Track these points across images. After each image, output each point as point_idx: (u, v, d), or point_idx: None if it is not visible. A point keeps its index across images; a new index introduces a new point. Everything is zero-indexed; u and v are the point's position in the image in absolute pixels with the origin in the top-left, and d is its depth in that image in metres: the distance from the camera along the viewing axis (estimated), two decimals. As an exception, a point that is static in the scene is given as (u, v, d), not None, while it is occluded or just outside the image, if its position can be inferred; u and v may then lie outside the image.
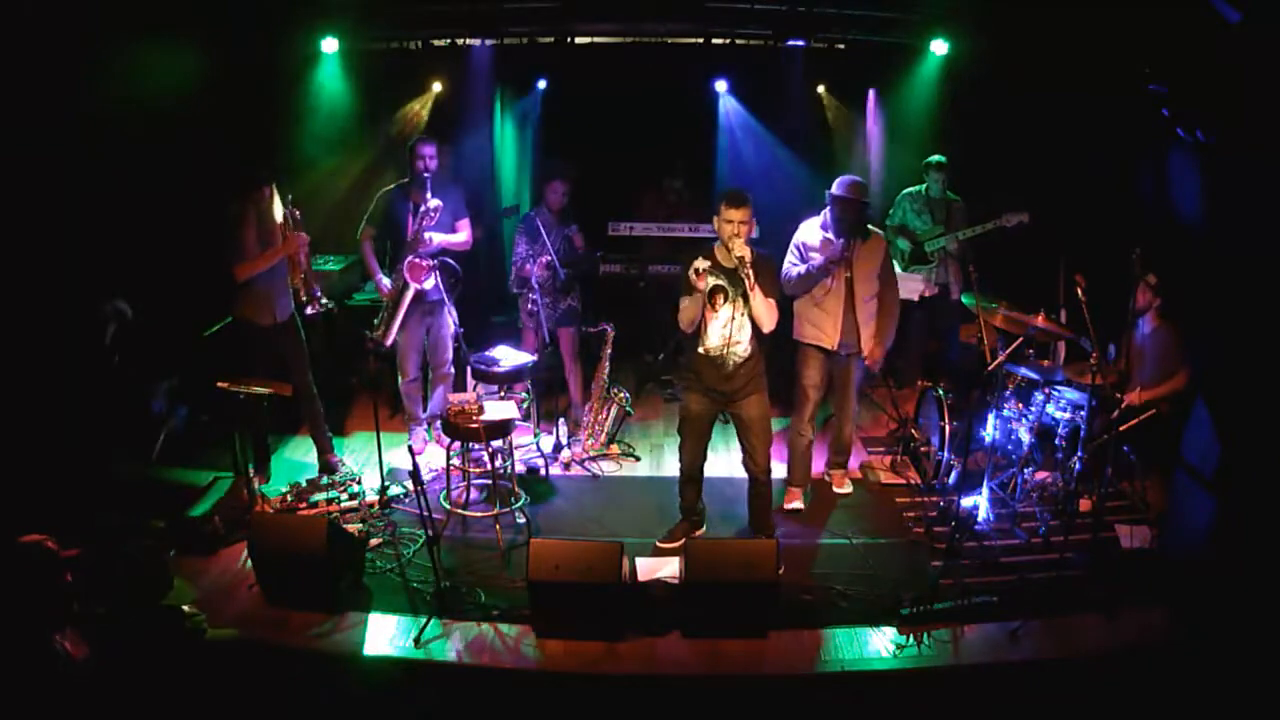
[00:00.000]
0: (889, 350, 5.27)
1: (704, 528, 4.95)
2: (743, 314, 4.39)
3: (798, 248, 5.04)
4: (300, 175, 6.51)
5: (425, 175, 5.33)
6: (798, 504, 5.26)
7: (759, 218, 7.64)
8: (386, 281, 5.53)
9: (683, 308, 4.39)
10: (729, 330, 4.38)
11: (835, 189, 4.90)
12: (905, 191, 6.72)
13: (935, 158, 6.54)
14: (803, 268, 4.95)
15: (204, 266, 5.18)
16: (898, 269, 6.56)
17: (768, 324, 4.37)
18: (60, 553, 3.39)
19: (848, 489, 5.49)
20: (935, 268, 6.57)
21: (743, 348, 4.44)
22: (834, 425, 5.47)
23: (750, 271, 4.21)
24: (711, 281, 4.28)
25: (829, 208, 4.95)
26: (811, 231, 5.03)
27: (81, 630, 3.39)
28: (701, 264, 4.22)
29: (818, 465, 5.55)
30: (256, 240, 4.97)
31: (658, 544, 4.80)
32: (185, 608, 3.93)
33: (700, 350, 4.47)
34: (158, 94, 5.36)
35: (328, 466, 5.48)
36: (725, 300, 4.36)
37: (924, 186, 6.62)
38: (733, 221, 4.25)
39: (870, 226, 5.06)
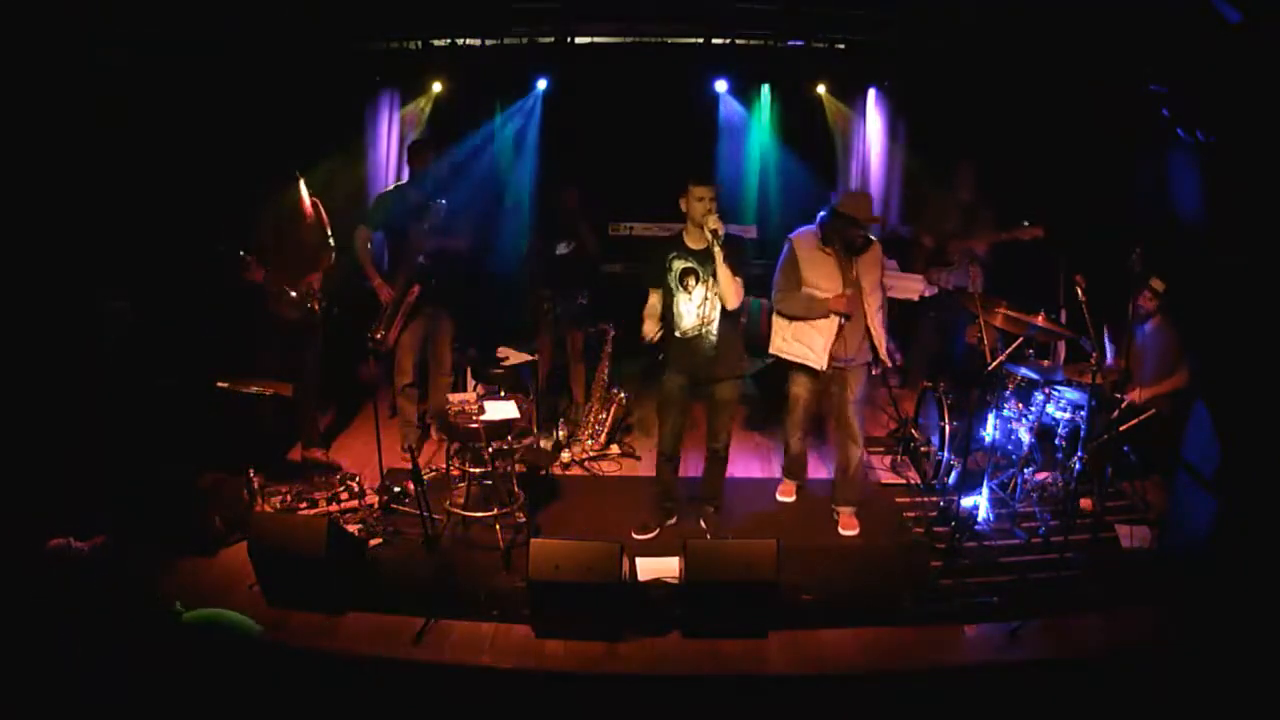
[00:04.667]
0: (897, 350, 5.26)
1: (675, 518, 5.00)
2: (715, 293, 4.52)
3: (789, 261, 4.80)
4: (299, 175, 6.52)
5: (426, 177, 5.34)
6: (790, 498, 5.36)
7: (758, 218, 7.66)
8: (386, 284, 5.51)
9: (651, 304, 4.61)
10: (704, 310, 4.53)
11: (852, 211, 4.69)
12: (933, 191, 6.71)
13: (965, 159, 6.52)
14: (803, 298, 4.74)
15: (204, 266, 5.19)
16: (896, 268, 6.58)
17: (732, 301, 4.49)
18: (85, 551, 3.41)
19: (854, 531, 5.01)
20: (955, 269, 6.56)
21: (718, 325, 4.56)
22: (837, 449, 5.12)
23: (719, 247, 4.34)
24: (682, 265, 4.51)
25: (828, 219, 4.74)
26: (808, 248, 4.78)
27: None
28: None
29: (819, 471, 5.57)
30: (277, 238, 5.04)
31: (633, 534, 4.86)
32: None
33: (677, 334, 4.59)
34: (158, 93, 5.37)
35: (311, 462, 5.50)
36: (697, 281, 4.53)
37: (952, 187, 6.60)
38: (703, 199, 4.40)
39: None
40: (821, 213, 4.82)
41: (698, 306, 4.54)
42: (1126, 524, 4.86)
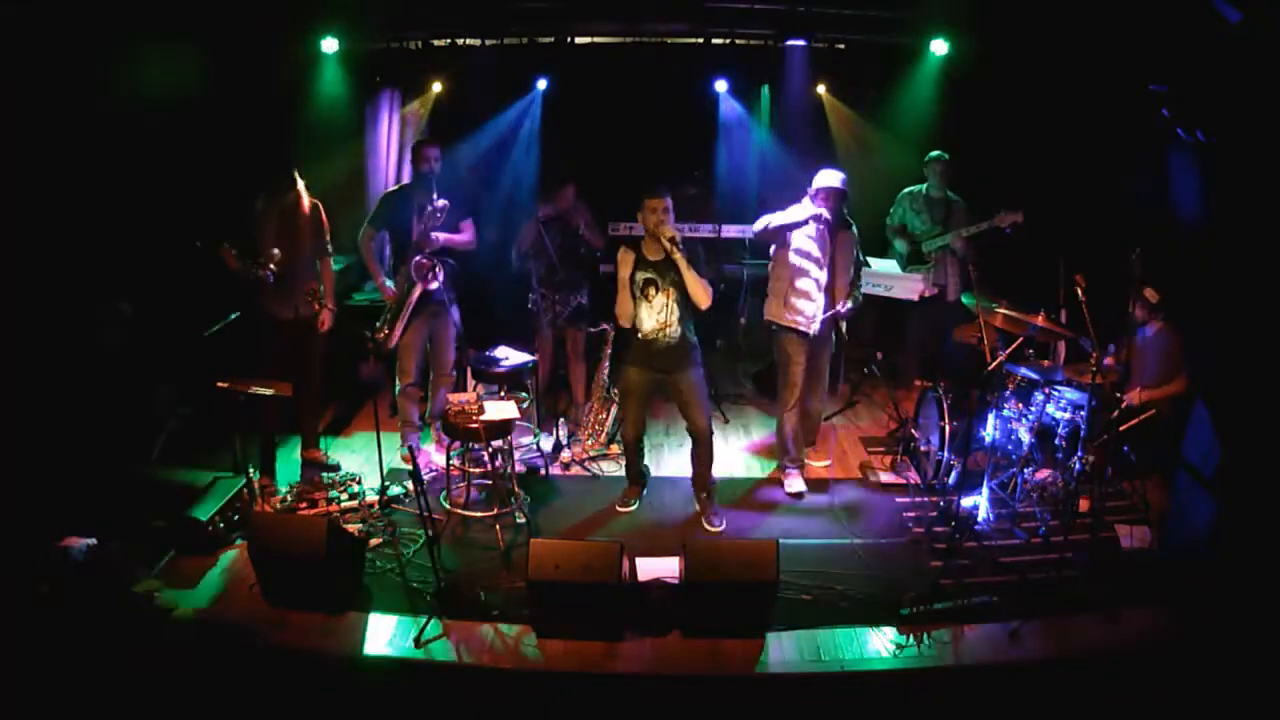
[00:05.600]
0: (888, 349, 5.30)
1: (646, 485, 5.37)
2: (674, 300, 4.76)
3: (793, 206, 5.20)
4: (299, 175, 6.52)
5: (430, 177, 5.35)
6: (799, 486, 5.40)
7: (758, 218, 7.67)
8: (390, 283, 5.51)
9: (620, 304, 4.87)
10: (662, 316, 4.79)
11: (839, 183, 5.07)
12: (905, 191, 6.71)
13: (935, 154, 6.53)
14: (782, 215, 5.15)
15: (204, 266, 5.19)
16: (896, 268, 6.57)
17: (705, 300, 4.72)
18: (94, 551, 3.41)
19: (823, 462, 5.70)
20: (933, 268, 6.56)
21: (674, 330, 4.81)
22: (802, 400, 5.44)
23: (680, 252, 4.58)
24: (642, 276, 4.77)
25: (824, 200, 5.09)
26: (808, 214, 5.18)
27: None
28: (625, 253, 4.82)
29: (820, 472, 5.59)
30: (276, 239, 5.05)
31: (617, 508, 5.17)
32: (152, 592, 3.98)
33: (639, 336, 4.89)
34: (157, 94, 5.37)
35: (311, 461, 5.51)
36: (657, 290, 4.77)
37: (924, 186, 6.61)
38: (656, 210, 4.65)
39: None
40: (814, 192, 5.13)
41: (657, 313, 4.79)
42: (1126, 524, 4.86)
